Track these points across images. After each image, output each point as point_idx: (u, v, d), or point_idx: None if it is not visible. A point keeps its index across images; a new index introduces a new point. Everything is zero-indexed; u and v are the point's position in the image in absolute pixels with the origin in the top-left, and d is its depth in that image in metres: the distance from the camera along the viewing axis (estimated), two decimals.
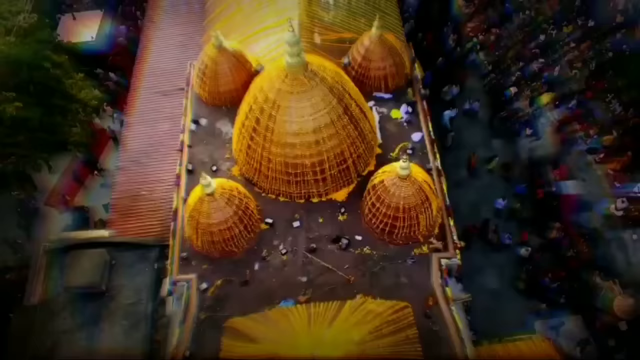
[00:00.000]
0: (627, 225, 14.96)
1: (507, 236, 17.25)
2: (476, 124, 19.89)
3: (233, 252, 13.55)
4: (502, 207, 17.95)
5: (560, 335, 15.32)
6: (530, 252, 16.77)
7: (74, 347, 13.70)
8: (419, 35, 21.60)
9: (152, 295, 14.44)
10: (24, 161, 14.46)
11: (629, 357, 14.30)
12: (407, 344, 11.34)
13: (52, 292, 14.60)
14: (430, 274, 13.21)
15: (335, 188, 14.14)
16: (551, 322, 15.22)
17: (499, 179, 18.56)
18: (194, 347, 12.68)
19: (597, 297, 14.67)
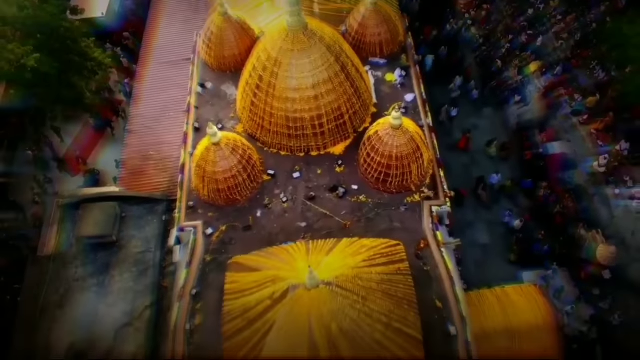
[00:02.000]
0: (610, 181, 15.86)
1: (507, 213, 17.93)
2: (473, 107, 20.69)
3: (237, 200, 14.49)
4: (495, 182, 18.78)
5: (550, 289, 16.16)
6: (523, 222, 17.61)
7: (84, 291, 14.68)
8: (417, 24, 22.67)
9: (160, 245, 15.27)
10: (41, 114, 15.46)
11: (612, 305, 15.08)
12: (399, 275, 12.16)
13: (65, 244, 15.53)
14: (422, 219, 14.13)
15: (333, 142, 15.09)
16: (540, 274, 16.01)
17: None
18: (199, 286, 13.72)
19: (582, 248, 15.51)
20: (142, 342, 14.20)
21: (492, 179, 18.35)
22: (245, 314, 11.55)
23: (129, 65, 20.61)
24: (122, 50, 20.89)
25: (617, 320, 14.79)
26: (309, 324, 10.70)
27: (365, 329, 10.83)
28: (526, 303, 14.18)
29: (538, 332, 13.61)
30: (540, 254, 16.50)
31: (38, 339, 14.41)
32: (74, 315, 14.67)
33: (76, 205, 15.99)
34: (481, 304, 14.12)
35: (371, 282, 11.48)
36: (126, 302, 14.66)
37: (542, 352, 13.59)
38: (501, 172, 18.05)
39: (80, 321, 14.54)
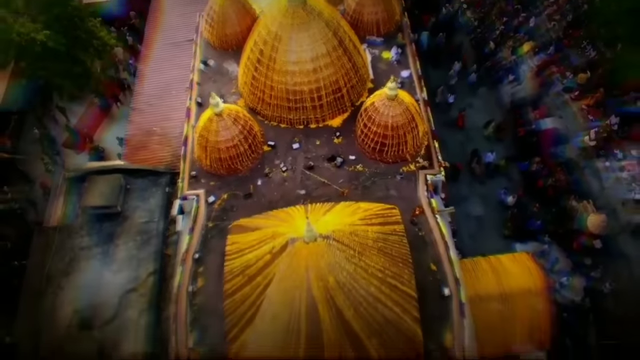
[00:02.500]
0: (600, 154, 16.29)
1: (502, 192, 18.26)
2: (469, 87, 21.07)
3: (238, 170, 14.95)
4: (491, 161, 19.20)
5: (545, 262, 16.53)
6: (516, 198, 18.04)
7: (90, 260, 15.12)
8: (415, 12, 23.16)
9: (163, 215, 15.79)
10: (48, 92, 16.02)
11: (603, 274, 15.46)
12: (394, 236, 12.59)
13: (71, 215, 15.98)
14: (417, 188, 14.59)
15: (331, 115, 15.56)
16: (534, 247, 16.39)
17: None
18: (201, 251, 14.16)
19: (574, 219, 15.91)
20: (146, 307, 14.71)
21: (487, 157, 18.84)
22: (246, 271, 11.98)
23: (134, 44, 21.20)
24: (128, 30, 21.48)
25: (608, 289, 15.16)
26: (306, 277, 11.12)
27: (361, 283, 11.24)
28: (519, 269, 14.58)
29: (530, 296, 13.99)
30: (534, 229, 16.97)
31: (44, 306, 14.95)
32: (79, 282, 15.14)
33: (82, 178, 16.49)
34: (475, 270, 14.51)
35: (367, 239, 11.93)
36: (130, 269, 15.17)
37: (534, 315, 14.02)
38: (496, 151, 18.51)
39: (85, 288, 15.02)
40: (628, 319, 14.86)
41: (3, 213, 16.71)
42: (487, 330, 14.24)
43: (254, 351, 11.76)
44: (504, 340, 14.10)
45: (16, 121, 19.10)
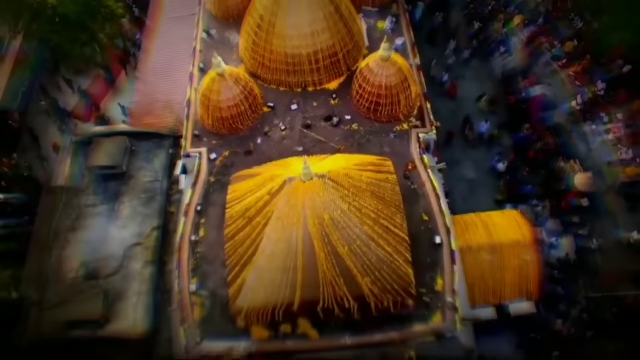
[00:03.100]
0: (587, 118, 16.90)
1: (496, 159, 18.72)
2: (464, 63, 21.65)
3: (239, 129, 15.60)
4: (485, 131, 19.82)
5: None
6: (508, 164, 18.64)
7: (96, 217, 15.71)
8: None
9: (167, 175, 16.44)
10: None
11: (590, 232, 15.99)
12: (388, 183, 13.18)
13: (78, 176, 16.58)
14: (410, 145, 15.23)
15: (328, 79, 16.21)
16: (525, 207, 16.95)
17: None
18: (203, 204, 14.76)
19: (563, 180, 16.47)
20: (150, 260, 15.30)
21: (481, 127, 19.44)
22: (246, 213, 12.56)
23: (140, 16, 21.85)
24: (134, 2, 22.17)
25: (596, 245, 15.68)
26: (303, 214, 11.73)
27: (355, 221, 11.82)
28: (508, 223, 15.12)
29: (519, 248, 14.50)
30: (526, 194, 17.51)
31: (51, 259, 15.54)
32: (85, 237, 15.73)
33: (88, 141, 17.13)
34: (466, 224, 15.05)
35: (361, 182, 12.53)
36: (135, 225, 15.77)
37: (522, 266, 14.53)
38: (489, 121, 19.14)
39: (91, 242, 15.60)
40: (614, 273, 15.46)
41: (14, 176, 17.39)
42: (478, 280, 14.84)
43: (254, 288, 12.38)
44: (494, 289, 14.70)
45: (23, 94, 19.95)
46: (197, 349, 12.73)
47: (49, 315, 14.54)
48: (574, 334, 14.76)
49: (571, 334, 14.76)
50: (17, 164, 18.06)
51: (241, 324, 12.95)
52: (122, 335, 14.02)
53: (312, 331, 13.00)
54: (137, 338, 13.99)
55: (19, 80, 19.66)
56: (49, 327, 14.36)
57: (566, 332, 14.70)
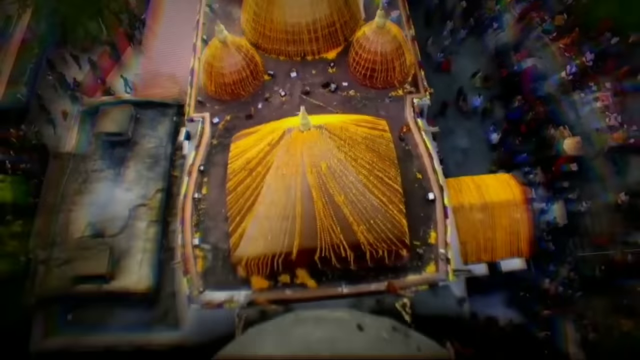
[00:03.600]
0: (576, 87, 17.48)
1: (491, 129, 19.24)
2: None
3: (241, 95, 16.20)
4: (478, 105, 20.34)
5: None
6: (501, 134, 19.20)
7: (102, 181, 16.27)
8: None
9: (170, 141, 17.05)
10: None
11: (580, 195, 16.50)
12: (382, 140, 13.77)
13: (84, 143, 17.16)
14: (404, 109, 15.83)
15: (326, 48, 16.85)
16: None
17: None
18: (206, 164, 15.32)
19: (553, 146, 17.02)
20: (154, 219, 15.85)
21: (475, 101, 20.01)
22: (247, 166, 13.14)
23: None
24: None
25: (585, 207, 16.20)
26: (301, 163, 12.28)
27: (350, 170, 12.36)
28: (500, 184, 15.68)
29: (509, 206, 15.04)
30: (519, 163, 17.97)
31: (58, 220, 16.07)
32: (92, 199, 16.30)
33: (95, 110, 17.78)
34: (459, 185, 15.60)
35: (356, 135, 13.14)
36: (140, 187, 16.34)
37: (513, 224, 15.04)
38: (483, 95, 19.71)
39: (97, 204, 16.17)
40: (603, 234, 15.96)
41: (22, 145, 18.00)
42: (470, 238, 15.36)
43: (254, 237, 12.89)
44: (485, 247, 15.19)
45: (31, 70, 20.64)
46: (200, 298, 13.38)
47: (56, 272, 15.06)
48: (562, 292, 15.29)
49: (559, 292, 15.29)
50: (25, 134, 18.72)
51: (241, 273, 13.50)
52: (127, 290, 14.64)
53: (310, 281, 13.52)
54: (141, 293, 14.63)
55: (27, 56, 20.44)
56: (55, 283, 14.99)
57: (554, 291, 15.21)
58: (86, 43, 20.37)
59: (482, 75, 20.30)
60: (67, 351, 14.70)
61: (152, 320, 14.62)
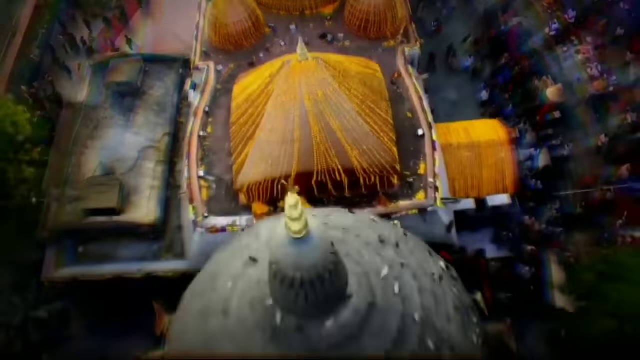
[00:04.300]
0: (559, 41, 18.48)
1: (481, 86, 20.22)
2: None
3: (243, 45, 17.28)
4: (469, 65, 21.11)
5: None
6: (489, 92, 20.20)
7: (112, 127, 17.20)
8: None
9: (177, 91, 18.03)
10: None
11: (563, 140, 17.44)
12: (375, 78, 14.78)
13: (96, 94, 18.11)
14: (396, 58, 16.85)
15: (323, 4, 17.97)
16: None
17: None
18: (211, 106, 16.29)
19: (538, 97, 18.01)
20: (162, 159, 16.76)
21: (465, 62, 20.96)
22: (249, 98, 14.12)
23: None
24: None
25: (568, 150, 17.18)
26: (300, 91, 13.25)
27: (345, 98, 13.34)
28: (486, 127, 16.68)
29: (495, 146, 15.98)
30: (507, 115, 18.85)
31: (71, 162, 16.97)
32: (103, 143, 17.20)
33: (106, 64, 18.78)
34: (448, 128, 16.55)
35: (351, 70, 14.22)
36: (148, 131, 17.25)
37: (499, 162, 15.93)
38: (473, 56, 20.75)
39: (108, 147, 17.08)
40: (584, 175, 16.86)
41: (35, 100, 19.02)
42: (458, 175, 16.27)
43: (255, 161, 13.80)
44: (472, 184, 16.07)
45: (44, 34, 21.80)
46: (204, 222, 14.27)
47: (68, 208, 15.97)
48: (545, 229, 16.15)
49: (542, 229, 16.15)
50: (37, 91, 19.72)
51: (243, 200, 14.44)
52: (135, 222, 15.48)
53: (308, 207, 14.45)
54: (149, 225, 15.48)
55: (41, 20, 21.58)
56: (67, 218, 15.86)
57: (537, 227, 16.08)
58: (97, 9, 21.50)
59: (472, 39, 21.40)
60: (77, 280, 15.74)
61: (158, 251, 15.59)
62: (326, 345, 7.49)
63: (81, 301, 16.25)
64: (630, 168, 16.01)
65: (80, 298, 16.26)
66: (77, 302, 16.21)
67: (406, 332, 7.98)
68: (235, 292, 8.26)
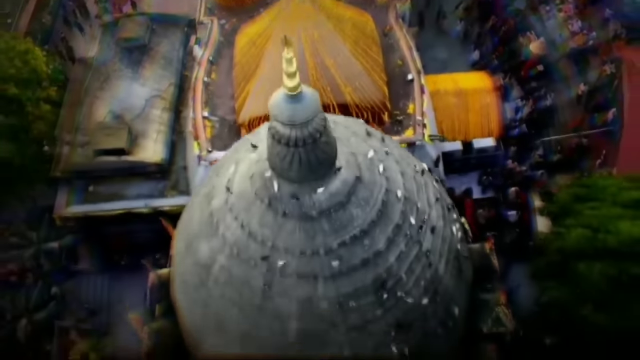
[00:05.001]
0: (542, 2, 19.57)
1: (472, 47, 21.45)
2: None
3: (245, 3, 18.36)
4: (460, 29, 21.94)
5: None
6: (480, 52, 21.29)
7: (121, 79, 18.23)
8: None
9: (182, 46, 19.15)
10: None
11: (546, 92, 18.44)
12: (367, 24, 16.04)
13: (106, 50, 19.17)
14: (388, 13, 17.89)
15: None
16: None
17: None
18: (215, 56, 17.33)
19: (522, 53, 19.06)
20: (168, 107, 17.85)
21: (455, 29, 21.98)
22: (250, 40, 15.23)
23: None
24: None
25: (550, 101, 18.17)
26: (297, 31, 14.32)
27: (339, 38, 14.54)
28: (473, 76, 17.86)
29: (480, 92, 17.13)
30: (493, 71, 19.94)
31: (82, 109, 17.99)
32: (112, 93, 18.29)
33: (115, 23, 19.93)
34: (436, 79, 17.58)
35: (344, 14, 15.49)
36: (155, 82, 18.37)
37: (484, 108, 16.98)
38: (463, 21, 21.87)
39: (117, 96, 18.16)
40: (566, 123, 17.87)
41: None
42: (446, 119, 17.28)
43: (256, 97, 14.80)
44: (459, 128, 17.07)
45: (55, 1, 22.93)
46: (208, 156, 15.23)
47: (79, 151, 17.02)
48: (526, 171, 17.10)
49: (524, 171, 17.09)
50: (48, 53, 20.72)
51: (245, 135, 15.36)
52: (143, 161, 16.47)
53: None
54: (156, 164, 16.49)
55: None
56: (78, 160, 16.88)
57: (520, 169, 17.03)
58: None
59: (464, 6, 22.43)
60: (87, 217, 16.67)
61: (164, 189, 16.62)
62: (317, 211, 8.49)
63: (90, 238, 17.34)
64: (615, 112, 17.09)
65: (90, 235, 17.36)
66: (86, 238, 17.31)
67: (390, 205, 8.94)
68: (237, 172, 9.24)
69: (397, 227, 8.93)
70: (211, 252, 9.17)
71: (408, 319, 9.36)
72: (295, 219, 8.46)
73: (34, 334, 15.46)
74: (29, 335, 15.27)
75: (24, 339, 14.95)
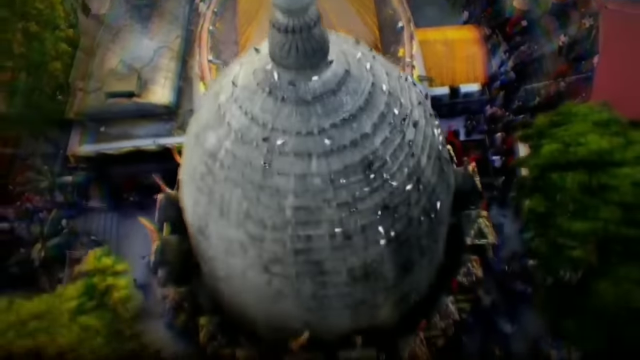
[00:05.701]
0: None
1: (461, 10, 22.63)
2: None
3: None
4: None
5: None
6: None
7: (131, 32, 19.41)
8: None
9: (188, 3, 20.36)
10: None
11: (530, 47, 19.57)
12: None
13: (117, 8, 20.37)
14: None
15: None
16: None
17: None
18: (220, 8, 18.49)
19: (506, 12, 20.26)
20: (175, 57, 19.05)
21: None
22: None
23: None
24: None
25: (534, 53, 19.26)
26: None
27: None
28: (460, 29, 18.99)
29: (467, 41, 18.32)
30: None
31: (94, 60, 19.20)
32: (123, 44, 19.50)
33: None
34: (425, 31, 18.73)
35: None
36: (162, 35, 19.65)
37: (469, 56, 18.12)
38: None
39: (128, 48, 19.34)
40: (548, 73, 19.01)
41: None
42: (434, 65, 18.43)
43: (259, 37, 15.89)
44: (447, 74, 18.20)
45: None
46: None
47: (92, 96, 18.25)
48: (509, 115, 18.24)
49: (507, 116, 18.24)
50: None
51: None
52: (152, 103, 17.66)
53: None
54: (164, 105, 17.68)
55: None
56: (91, 103, 18.07)
57: (501, 113, 18.20)
58: None
59: None
60: (99, 154, 17.76)
61: (172, 129, 17.81)
62: (311, 96, 9.61)
63: (101, 177, 18.42)
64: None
65: (100, 174, 18.43)
66: (97, 177, 18.39)
67: (375, 96, 10.07)
68: (242, 69, 10.37)
69: (382, 115, 10.05)
70: (218, 140, 10.29)
71: (393, 201, 10.48)
72: (292, 103, 9.61)
73: (47, 261, 16.65)
74: (42, 260, 16.47)
75: (38, 262, 16.09)
